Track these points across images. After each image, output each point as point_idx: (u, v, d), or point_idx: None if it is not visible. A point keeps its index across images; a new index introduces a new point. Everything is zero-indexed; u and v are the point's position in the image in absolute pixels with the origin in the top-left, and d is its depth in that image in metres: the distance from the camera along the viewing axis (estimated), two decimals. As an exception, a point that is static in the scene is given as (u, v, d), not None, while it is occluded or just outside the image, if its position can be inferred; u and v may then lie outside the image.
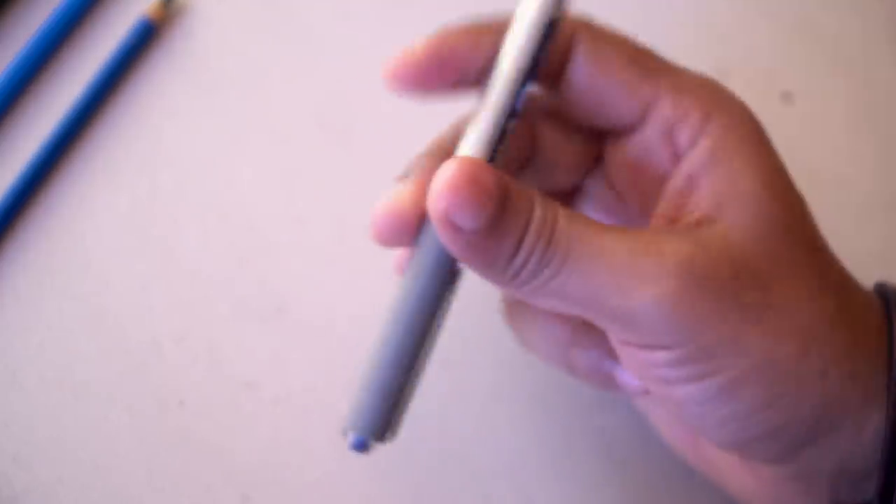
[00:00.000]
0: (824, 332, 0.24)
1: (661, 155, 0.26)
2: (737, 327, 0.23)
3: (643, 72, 0.26)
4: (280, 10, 0.42)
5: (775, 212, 0.24)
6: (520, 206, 0.23)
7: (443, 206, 0.22)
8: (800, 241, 0.25)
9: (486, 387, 0.33)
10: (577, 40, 0.27)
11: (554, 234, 0.23)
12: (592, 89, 0.27)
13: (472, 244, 0.23)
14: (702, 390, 0.23)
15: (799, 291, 0.24)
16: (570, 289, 0.23)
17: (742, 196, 0.24)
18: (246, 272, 0.35)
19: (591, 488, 0.32)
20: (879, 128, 0.40)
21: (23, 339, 0.34)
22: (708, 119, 0.25)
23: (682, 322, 0.23)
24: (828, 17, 0.42)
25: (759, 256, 0.24)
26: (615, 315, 0.23)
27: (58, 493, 0.31)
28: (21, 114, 0.38)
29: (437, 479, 0.32)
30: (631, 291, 0.23)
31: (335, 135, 0.39)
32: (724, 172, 0.25)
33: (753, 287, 0.23)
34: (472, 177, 0.22)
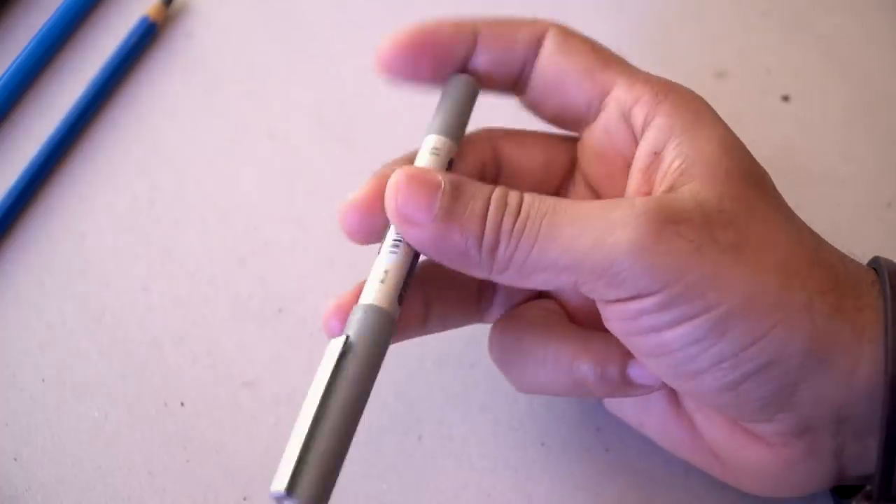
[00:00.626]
0: (804, 268, 0.24)
1: (622, 138, 0.28)
2: (716, 264, 0.24)
3: (602, 61, 0.28)
4: (280, 11, 0.42)
5: (741, 170, 0.25)
6: (473, 191, 0.25)
7: (393, 204, 0.25)
8: (767, 198, 0.26)
9: (486, 387, 0.33)
10: (545, 36, 0.28)
11: (521, 209, 0.25)
12: (556, 76, 0.28)
13: (435, 236, 0.25)
14: (693, 330, 0.24)
15: (776, 234, 0.25)
16: (552, 256, 0.24)
17: (706, 159, 0.25)
18: (246, 272, 0.35)
19: (591, 488, 0.32)
20: (877, 128, 0.40)
21: (23, 339, 0.34)
22: (659, 99, 0.27)
23: (661, 263, 0.23)
24: (825, 18, 0.43)
25: (731, 205, 0.24)
26: (599, 271, 0.24)
27: (58, 493, 0.31)
28: (22, 114, 0.38)
29: (437, 478, 0.32)
30: (607, 240, 0.23)
31: (335, 135, 0.39)
32: (686, 142, 0.26)
33: (728, 228, 0.24)
34: (416, 175, 0.25)
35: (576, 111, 0.29)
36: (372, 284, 0.26)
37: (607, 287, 0.24)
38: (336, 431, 0.23)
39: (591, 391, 0.28)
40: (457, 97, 0.29)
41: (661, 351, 0.25)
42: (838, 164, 0.39)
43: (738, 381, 0.24)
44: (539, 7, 0.42)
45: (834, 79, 0.41)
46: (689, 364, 0.25)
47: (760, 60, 0.41)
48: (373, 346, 0.25)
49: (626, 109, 0.27)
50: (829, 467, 0.26)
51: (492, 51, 0.29)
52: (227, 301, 0.35)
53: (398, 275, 0.26)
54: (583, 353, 0.27)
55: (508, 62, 0.29)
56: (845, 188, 0.38)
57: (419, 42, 0.28)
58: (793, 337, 0.24)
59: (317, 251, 0.36)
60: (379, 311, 0.25)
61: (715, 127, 0.26)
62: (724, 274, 0.24)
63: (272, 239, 0.36)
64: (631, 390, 0.27)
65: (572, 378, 0.27)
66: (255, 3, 0.42)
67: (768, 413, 0.25)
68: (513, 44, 0.29)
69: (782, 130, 0.40)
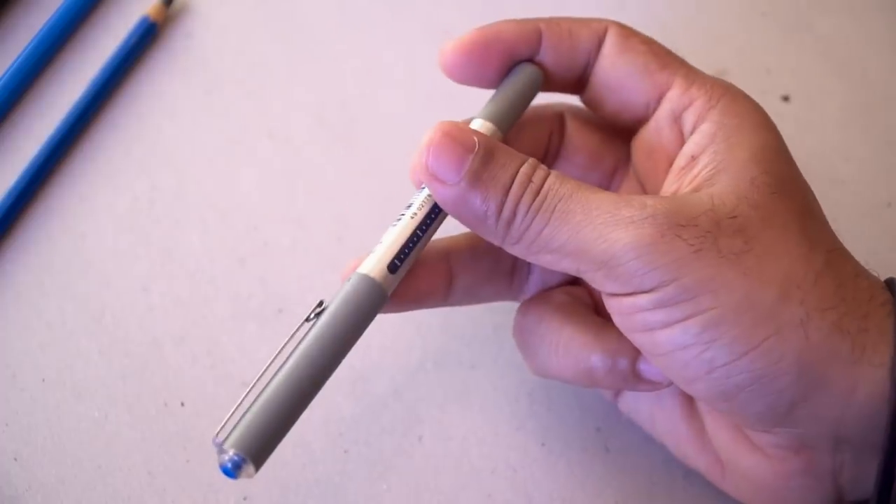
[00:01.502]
0: (808, 281, 0.24)
1: (671, 139, 0.28)
2: (714, 268, 0.24)
3: (661, 61, 0.28)
4: (280, 11, 0.42)
5: (765, 179, 0.25)
6: (504, 161, 0.25)
7: (424, 159, 0.26)
8: (790, 208, 0.25)
9: (486, 387, 0.33)
10: (607, 34, 0.29)
11: (542, 188, 0.25)
12: (616, 76, 0.28)
13: (458, 197, 0.25)
14: (684, 332, 0.24)
15: (785, 244, 0.24)
16: (559, 240, 0.25)
17: (735, 166, 0.25)
18: (246, 272, 0.35)
19: (591, 488, 0.32)
20: (876, 128, 0.40)
21: (23, 339, 0.34)
22: (712, 104, 0.27)
23: (660, 263, 0.24)
24: (825, 18, 0.43)
25: (745, 213, 0.25)
26: (600, 261, 0.24)
27: (58, 493, 0.31)
28: (22, 114, 0.38)
29: (437, 478, 0.32)
30: (611, 234, 0.24)
31: (335, 135, 0.39)
32: (722, 148, 0.26)
33: (735, 236, 0.24)
34: (451, 135, 0.25)
35: (634, 110, 0.29)
36: (370, 254, 0.26)
37: (605, 279, 0.25)
38: (286, 388, 0.24)
39: (599, 381, 0.28)
40: (516, 86, 0.29)
41: (656, 351, 0.25)
42: (838, 164, 0.39)
43: (732, 393, 0.24)
44: (540, 8, 0.42)
45: (833, 79, 0.41)
46: (683, 370, 0.25)
47: (760, 60, 0.41)
48: (344, 311, 0.25)
49: (678, 112, 0.28)
50: (827, 488, 0.26)
51: (556, 49, 0.29)
52: (227, 301, 0.35)
53: (392, 245, 0.26)
54: (596, 342, 0.28)
55: (572, 61, 0.29)
56: (845, 188, 0.38)
57: (483, 43, 0.29)
58: (786, 351, 0.23)
59: (317, 251, 0.36)
60: (361, 279, 0.25)
61: (756, 134, 0.26)
62: (720, 279, 0.24)
63: (272, 239, 0.36)
64: (640, 385, 0.28)
65: (583, 366, 0.28)
66: (256, 3, 0.42)
67: (766, 425, 0.25)
68: (577, 42, 0.29)
69: (782, 130, 0.39)
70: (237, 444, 0.23)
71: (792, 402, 0.24)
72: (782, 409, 0.24)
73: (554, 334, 0.28)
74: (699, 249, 0.24)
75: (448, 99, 0.39)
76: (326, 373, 0.24)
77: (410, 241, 0.26)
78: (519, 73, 0.29)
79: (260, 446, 0.23)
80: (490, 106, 0.29)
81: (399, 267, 0.26)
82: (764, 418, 0.25)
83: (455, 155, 0.25)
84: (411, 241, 0.26)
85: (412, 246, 0.26)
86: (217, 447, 0.23)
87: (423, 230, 0.27)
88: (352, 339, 0.25)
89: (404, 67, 0.41)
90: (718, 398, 0.25)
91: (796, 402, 0.24)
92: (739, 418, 0.26)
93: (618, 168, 0.31)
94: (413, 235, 0.26)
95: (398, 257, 0.26)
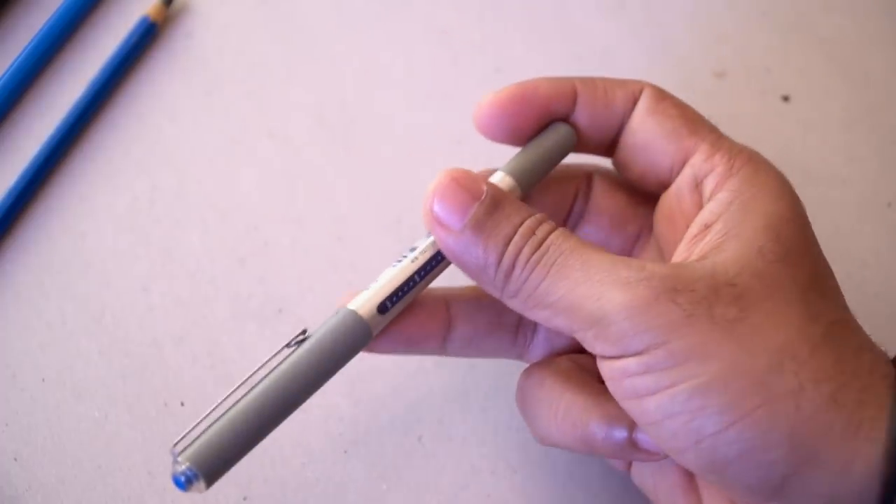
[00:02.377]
0: (803, 353, 0.23)
1: (690, 205, 0.28)
2: (706, 335, 0.23)
3: (691, 126, 0.28)
4: (280, 11, 0.42)
5: (773, 247, 0.25)
6: (510, 212, 0.25)
7: (430, 202, 0.26)
8: (795, 277, 0.25)
9: (486, 387, 0.33)
10: (642, 93, 0.29)
11: (545, 242, 0.25)
12: (645, 138, 0.28)
13: (460, 244, 0.25)
14: (672, 398, 0.23)
15: (783, 315, 0.24)
16: (555, 295, 0.25)
17: (745, 235, 0.25)
18: (246, 272, 0.35)
19: (591, 488, 0.32)
20: (877, 128, 0.40)
21: (23, 339, 0.34)
22: (732, 173, 0.27)
23: (651, 325, 0.23)
24: (825, 18, 0.43)
25: (745, 282, 0.24)
26: (592, 319, 0.24)
27: (58, 493, 0.31)
28: (22, 114, 0.38)
29: (437, 478, 0.32)
30: (606, 293, 0.24)
31: (335, 135, 0.39)
32: (735, 217, 0.26)
33: (731, 304, 0.24)
34: (458, 181, 0.26)
35: (659, 174, 0.29)
36: (364, 291, 0.26)
37: (596, 339, 0.24)
38: (252, 412, 0.23)
39: (598, 450, 0.27)
40: (546, 144, 0.29)
41: (646, 420, 0.24)
42: (838, 165, 0.39)
43: (722, 464, 0.24)
44: (540, 8, 0.42)
45: (834, 79, 0.41)
46: (672, 439, 0.24)
47: (760, 60, 0.41)
48: (325, 344, 0.25)
49: (700, 178, 0.27)
50: None
51: (591, 108, 0.29)
52: (227, 301, 0.35)
53: (387, 284, 0.26)
54: (594, 409, 0.27)
55: (607, 121, 0.29)
56: (846, 188, 0.38)
57: (520, 98, 0.29)
58: (776, 422, 0.23)
59: (317, 251, 0.36)
60: (348, 314, 0.25)
61: (773, 203, 0.26)
62: (710, 346, 0.23)
63: (272, 239, 0.36)
64: (637, 454, 0.27)
65: (580, 433, 0.27)
66: (256, 3, 0.42)
67: (758, 499, 0.24)
68: (612, 102, 0.29)
69: (782, 131, 0.40)
70: (192, 459, 0.23)
71: (784, 475, 0.23)
72: (774, 483, 0.23)
73: (554, 400, 0.28)
74: (692, 315, 0.23)
75: (447, 99, 0.40)
76: (296, 402, 0.24)
77: (407, 284, 0.26)
78: (552, 132, 0.29)
79: (215, 466, 0.23)
80: (515, 161, 0.28)
81: (389, 309, 0.26)
82: (755, 491, 0.24)
83: (460, 201, 0.25)
84: (407, 285, 0.26)
85: (407, 290, 0.26)
86: (174, 457, 0.23)
87: (422, 275, 0.27)
88: (328, 373, 0.25)
89: (403, 68, 0.41)
90: (708, 469, 0.24)
91: (788, 475, 0.23)
92: (731, 491, 0.25)
93: (641, 234, 0.31)
94: (410, 279, 0.26)
95: (390, 299, 0.26)
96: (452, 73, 0.40)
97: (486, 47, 0.41)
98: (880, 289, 0.36)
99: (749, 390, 0.23)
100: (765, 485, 0.24)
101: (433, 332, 0.29)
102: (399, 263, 0.27)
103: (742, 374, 0.23)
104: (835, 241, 0.26)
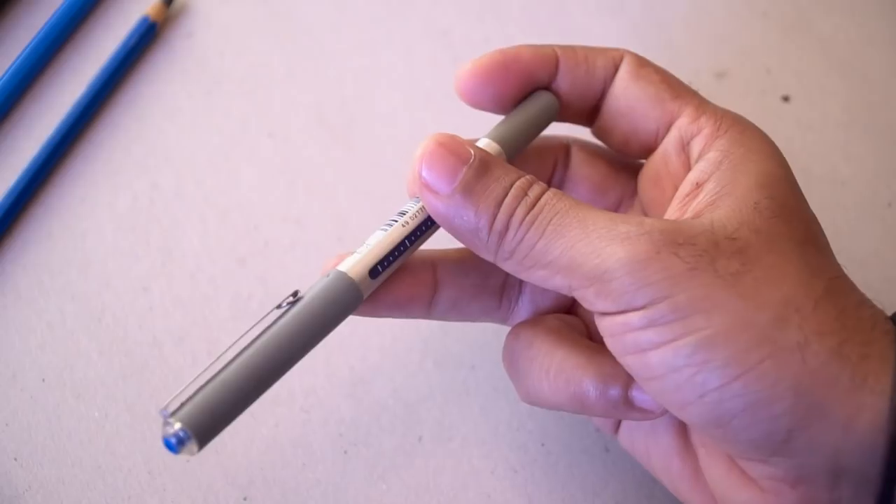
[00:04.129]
0: (808, 306, 0.23)
1: (677, 167, 0.28)
2: (709, 287, 0.23)
3: (673, 91, 0.28)
4: (280, 11, 0.42)
5: (768, 204, 0.25)
6: (500, 174, 0.25)
7: (418, 168, 0.25)
8: (793, 234, 0.25)
9: (487, 388, 0.33)
10: (623, 61, 0.29)
11: (538, 203, 0.25)
12: (628, 104, 0.28)
13: (450, 209, 0.25)
14: (675, 353, 0.23)
15: (785, 269, 0.24)
16: (553, 254, 0.24)
17: (738, 192, 0.25)
18: (246, 272, 0.35)
19: (591, 488, 0.32)
20: (877, 128, 0.40)
21: (23, 339, 0.34)
22: (719, 133, 0.27)
23: (653, 279, 0.23)
24: (825, 18, 0.43)
25: (745, 236, 0.24)
26: (592, 276, 0.24)
27: (59, 493, 0.31)
28: (22, 114, 0.38)
29: (437, 478, 0.32)
30: (605, 249, 0.24)
31: (335, 135, 0.39)
32: (727, 175, 0.26)
33: (733, 257, 0.24)
34: (445, 145, 0.25)
35: (643, 138, 0.29)
36: (353, 253, 0.26)
37: (597, 296, 0.24)
38: (244, 372, 0.23)
39: (590, 408, 0.27)
40: (529, 112, 0.29)
41: (647, 374, 0.24)
42: (838, 165, 0.39)
43: (726, 418, 0.23)
44: (540, 8, 0.42)
45: (834, 79, 0.41)
46: (675, 394, 0.24)
47: (760, 60, 0.41)
48: (316, 305, 0.25)
49: (686, 140, 0.28)
50: None
51: (573, 75, 0.29)
52: (227, 301, 0.35)
53: (378, 249, 0.26)
54: (588, 367, 0.27)
55: (588, 88, 0.29)
56: (845, 188, 0.38)
57: (500, 67, 0.29)
58: (781, 375, 0.23)
59: (317, 251, 0.36)
60: (339, 276, 0.25)
61: (762, 162, 0.26)
62: (714, 299, 0.23)
63: (272, 239, 0.36)
64: (631, 413, 0.27)
65: (574, 390, 0.27)
66: (255, 3, 0.42)
67: (761, 454, 0.24)
68: (592, 69, 0.29)
69: (782, 131, 0.40)
70: (185, 420, 0.22)
71: (788, 429, 0.23)
72: (778, 437, 0.23)
73: (545, 358, 0.28)
74: (694, 268, 0.23)
75: (447, 100, 0.39)
76: (287, 363, 0.24)
77: (397, 249, 0.26)
78: (535, 100, 0.29)
79: (207, 426, 0.22)
80: (499, 128, 0.28)
81: (380, 273, 0.26)
82: (759, 446, 0.24)
83: (448, 165, 0.25)
84: (398, 250, 0.26)
85: (398, 254, 0.26)
86: (164, 418, 0.22)
87: (412, 240, 0.26)
88: (319, 334, 0.25)
89: (403, 67, 0.41)
90: (712, 424, 0.24)
91: (793, 429, 0.23)
92: (733, 446, 0.25)
93: (622, 201, 0.31)
94: (401, 244, 0.26)
95: (381, 263, 0.26)
96: (452, 73, 0.40)
97: (486, 47, 0.41)
98: (880, 289, 0.36)
99: (754, 343, 0.23)
100: (769, 439, 0.23)
101: (420, 296, 0.29)
102: (389, 227, 0.26)
103: (747, 327, 0.23)
104: (835, 241, 0.26)
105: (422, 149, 0.25)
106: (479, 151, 0.25)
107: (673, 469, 0.28)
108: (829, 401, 0.23)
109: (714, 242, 0.24)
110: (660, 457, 0.28)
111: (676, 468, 0.28)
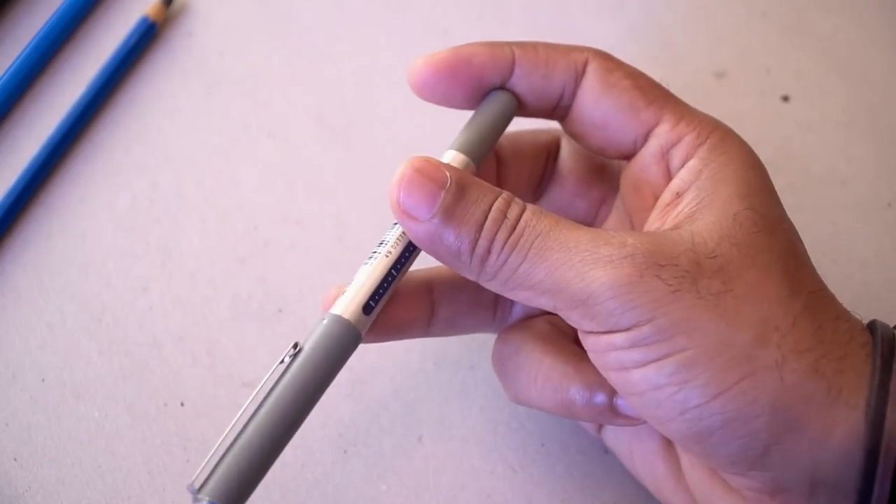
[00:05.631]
0: (786, 324, 0.24)
1: (657, 175, 0.28)
2: (691, 310, 0.23)
3: (647, 97, 0.28)
4: (280, 11, 0.42)
5: (748, 215, 0.25)
6: (477, 196, 0.25)
7: (396, 195, 0.25)
8: (773, 247, 0.25)
9: (486, 388, 0.33)
10: (589, 66, 0.28)
11: (518, 224, 0.25)
12: (600, 114, 0.28)
13: (432, 234, 0.25)
14: (658, 372, 0.24)
15: (765, 286, 0.24)
16: (536, 277, 0.24)
17: (718, 203, 0.25)
18: (246, 272, 0.36)
19: (591, 488, 0.32)
20: (876, 128, 0.40)
21: (23, 339, 0.34)
22: (700, 141, 0.27)
23: (637, 302, 0.23)
24: (825, 18, 0.43)
25: (725, 252, 0.24)
26: (576, 300, 0.24)
27: (58, 493, 0.31)
28: (22, 113, 0.38)
29: (437, 478, 0.32)
30: (589, 273, 0.24)
31: (335, 135, 0.39)
32: (707, 185, 0.26)
33: (714, 276, 0.24)
34: (422, 171, 0.25)
35: (620, 147, 0.29)
36: (345, 293, 0.26)
37: (582, 318, 0.24)
38: (260, 437, 0.24)
39: (578, 414, 0.27)
40: (487, 115, 0.29)
41: (630, 390, 0.25)
42: (838, 165, 0.39)
43: (705, 434, 0.24)
44: (540, 8, 0.42)
45: (834, 79, 0.41)
46: (656, 410, 0.24)
47: (760, 60, 0.41)
48: (318, 356, 0.25)
49: (666, 148, 0.27)
50: None
51: (529, 78, 0.28)
52: (227, 301, 0.35)
53: (367, 285, 0.26)
54: (575, 374, 0.27)
55: (546, 91, 0.28)
56: (845, 188, 0.38)
57: (453, 64, 0.28)
58: (759, 394, 0.23)
59: (317, 251, 0.36)
60: (335, 321, 0.25)
61: (743, 171, 0.26)
62: (696, 321, 0.23)
63: (272, 239, 0.36)
64: (616, 419, 0.27)
65: (560, 397, 0.27)
66: (256, 3, 0.42)
67: (740, 468, 0.25)
68: (551, 72, 0.28)
69: (782, 131, 0.40)
70: (212, 493, 0.23)
71: (766, 444, 0.24)
72: (756, 452, 0.24)
73: (533, 364, 0.28)
74: (677, 290, 0.23)
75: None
76: (299, 418, 0.25)
77: (385, 280, 0.26)
78: (492, 102, 0.29)
79: (235, 496, 0.23)
80: (462, 136, 0.28)
81: (374, 308, 0.26)
82: (737, 461, 0.24)
83: (427, 191, 0.25)
84: (386, 281, 0.26)
85: (387, 285, 0.26)
86: (192, 494, 0.23)
87: (398, 269, 0.26)
88: (325, 383, 0.25)
89: (403, 68, 0.41)
90: (691, 439, 0.24)
91: (770, 444, 0.23)
92: (713, 461, 0.25)
93: (606, 198, 0.31)
94: (388, 275, 0.26)
95: (373, 298, 0.26)
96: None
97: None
98: (880, 289, 0.36)
99: (734, 363, 0.23)
100: (747, 454, 0.24)
101: (420, 318, 0.29)
102: (372, 260, 0.26)
103: (727, 347, 0.23)
104: (835, 241, 0.26)
105: (398, 175, 0.25)
106: (454, 173, 0.25)
107: (656, 472, 0.28)
108: (805, 416, 0.23)
109: (696, 262, 0.24)
110: (643, 459, 0.29)
111: (660, 471, 0.28)
